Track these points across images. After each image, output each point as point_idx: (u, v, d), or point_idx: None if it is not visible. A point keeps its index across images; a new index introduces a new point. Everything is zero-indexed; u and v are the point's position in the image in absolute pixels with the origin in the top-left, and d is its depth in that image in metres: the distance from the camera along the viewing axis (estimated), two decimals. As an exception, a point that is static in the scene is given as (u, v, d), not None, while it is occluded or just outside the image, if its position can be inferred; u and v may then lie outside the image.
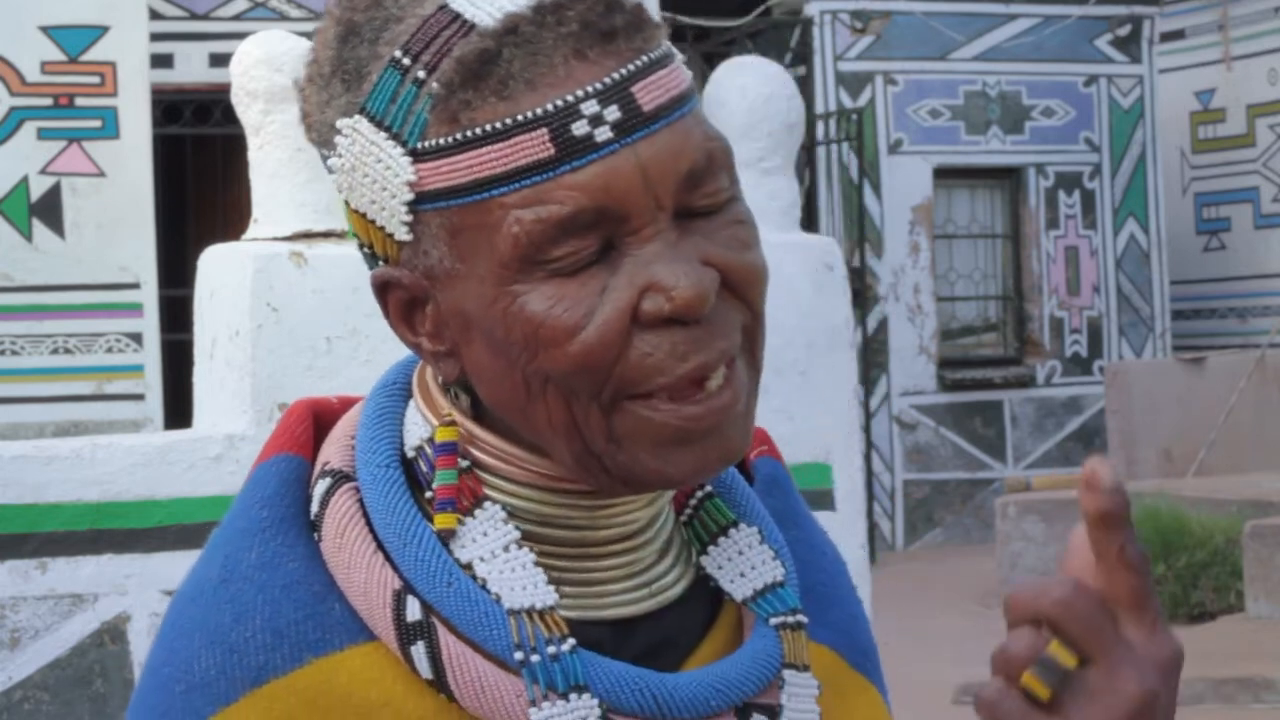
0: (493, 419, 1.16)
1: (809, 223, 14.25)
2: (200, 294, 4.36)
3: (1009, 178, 16.04)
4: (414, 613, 1.11)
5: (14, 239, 10.99)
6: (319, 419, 1.23)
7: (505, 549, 1.13)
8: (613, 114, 1.08)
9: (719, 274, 1.10)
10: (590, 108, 1.07)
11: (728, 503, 1.24)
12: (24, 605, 4.04)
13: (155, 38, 11.60)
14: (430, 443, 1.17)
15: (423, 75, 1.09)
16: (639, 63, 1.10)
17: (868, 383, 14.87)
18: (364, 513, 1.15)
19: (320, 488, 1.17)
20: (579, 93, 1.07)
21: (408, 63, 1.10)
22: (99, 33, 11.10)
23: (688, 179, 1.10)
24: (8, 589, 4.02)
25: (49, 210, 11.04)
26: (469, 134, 1.08)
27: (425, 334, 1.15)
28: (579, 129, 1.07)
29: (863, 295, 14.49)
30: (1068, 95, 16.13)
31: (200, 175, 13.70)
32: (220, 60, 11.40)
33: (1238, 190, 17.36)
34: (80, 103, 11.10)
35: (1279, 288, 16.89)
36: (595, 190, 1.07)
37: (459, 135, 1.08)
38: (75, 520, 4.02)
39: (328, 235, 4.19)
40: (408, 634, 1.11)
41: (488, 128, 1.08)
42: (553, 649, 1.10)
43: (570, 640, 1.11)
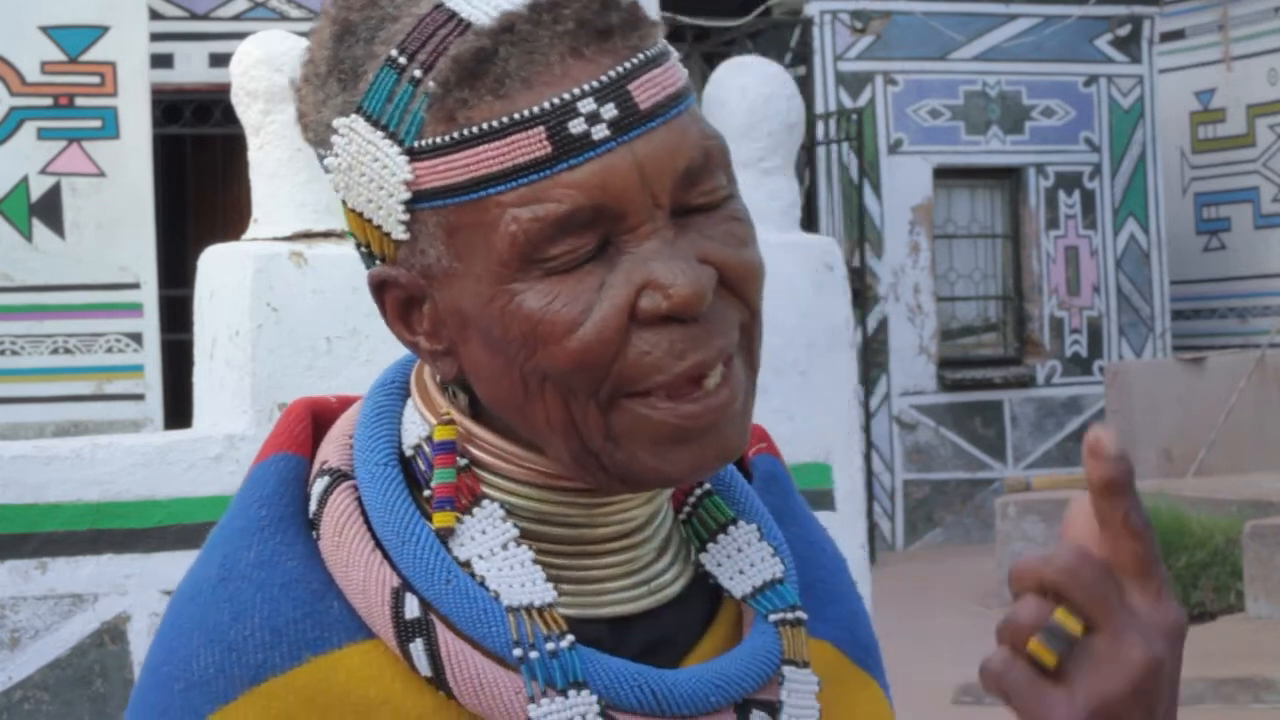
0: (491, 417, 1.16)
1: (809, 223, 14.24)
2: (200, 294, 4.36)
3: (1009, 178, 16.02)
4: (412, 610, 1.11)
5: (14, 239, 10.97)
6: (318, 418, 1.23)
7: (504, 547, 1.13)
8: (609, 112, 1.08)
9: (716, 272, 1.10)
10: (587, 106, 1.07)
11: (726, 500, 1.24)
12: (24, 605, 4.04)
13: (155, 38, 11.59)
14: (428, 441, 1.17)
15: (419, 74, 1.09)
16: (635, 60, 1.10)
17: (868, 383, 14.86)
18: (362, 511, 1.15)
19: (319, 486, 1.17)
20: (575, 91, 1.07)
21: (404, 62, 1.10)
22: (99, 33, 11.09)
23: (685, 177, 1.10)
24: (8, 589, 4.01)
25: (49, 210, 11.03)
26: (466, 133, 1.08)
27: (423, 333, 1.15)
28: (576, 127, 1.07)
29: (863, 295, 14.48)
30: (1068, 95, 16.11)
31: (200, 175, 13.69)
32: (220, 60, 11.39)
33: (1238, 190, 17.35)
34: (80, 103, 11.09)
35: (1279, 288, 16.88)
36: (592, 188, 1.07)
37: (456, 134, 1.08)
38: (75, 520, 4.02)
39: (328, 235, 4.19)
40: (406, 631, 1.11)
41: (484, 126, 1.08)
42: (551, 646, 1.10)
43: (569, 637, 1.11)
